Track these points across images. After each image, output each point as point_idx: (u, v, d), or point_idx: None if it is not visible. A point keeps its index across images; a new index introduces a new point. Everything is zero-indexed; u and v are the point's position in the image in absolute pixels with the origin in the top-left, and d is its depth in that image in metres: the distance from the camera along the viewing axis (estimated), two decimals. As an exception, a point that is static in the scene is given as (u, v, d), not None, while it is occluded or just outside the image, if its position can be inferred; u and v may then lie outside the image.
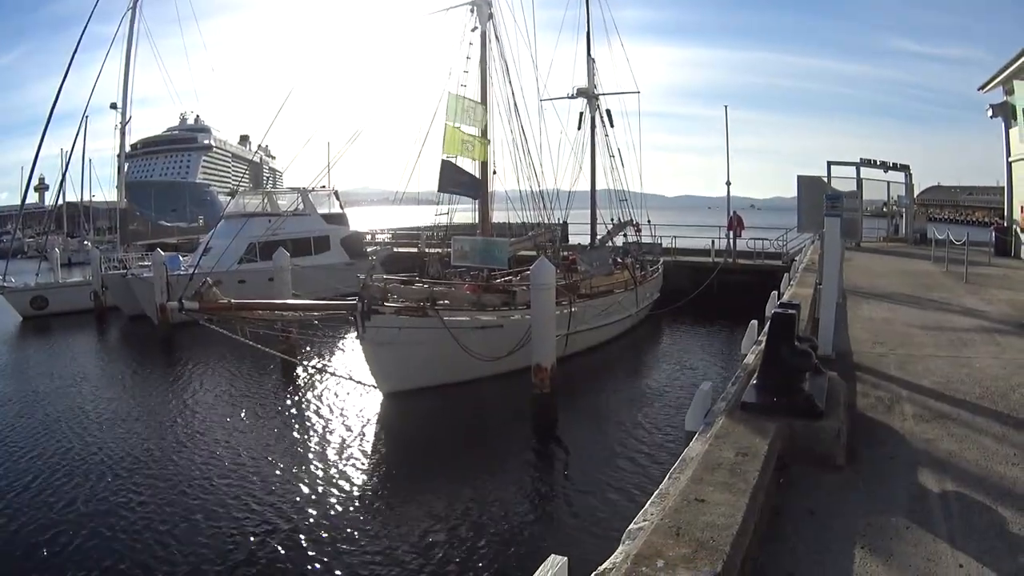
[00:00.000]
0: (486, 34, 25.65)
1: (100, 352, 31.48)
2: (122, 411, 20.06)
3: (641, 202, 36.11)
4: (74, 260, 72.60)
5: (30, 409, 20.56)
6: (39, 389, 22.95)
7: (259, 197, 44.26)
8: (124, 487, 14.13)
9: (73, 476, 14.79)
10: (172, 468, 15.19)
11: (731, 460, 5.61)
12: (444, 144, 23.45)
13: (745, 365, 9.09)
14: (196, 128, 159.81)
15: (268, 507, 13.11)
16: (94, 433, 17.83)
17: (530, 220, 28.05)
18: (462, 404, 19.17)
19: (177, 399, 21.18)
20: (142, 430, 18.11)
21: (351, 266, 36.64)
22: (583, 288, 25.42)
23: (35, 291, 40.86)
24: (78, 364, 27.69)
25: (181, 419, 18.99)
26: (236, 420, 18.73)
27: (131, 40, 42.46)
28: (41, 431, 18.17)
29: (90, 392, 22.58)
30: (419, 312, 18.95)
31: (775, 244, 37.23)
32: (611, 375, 23.36)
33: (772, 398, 6.93)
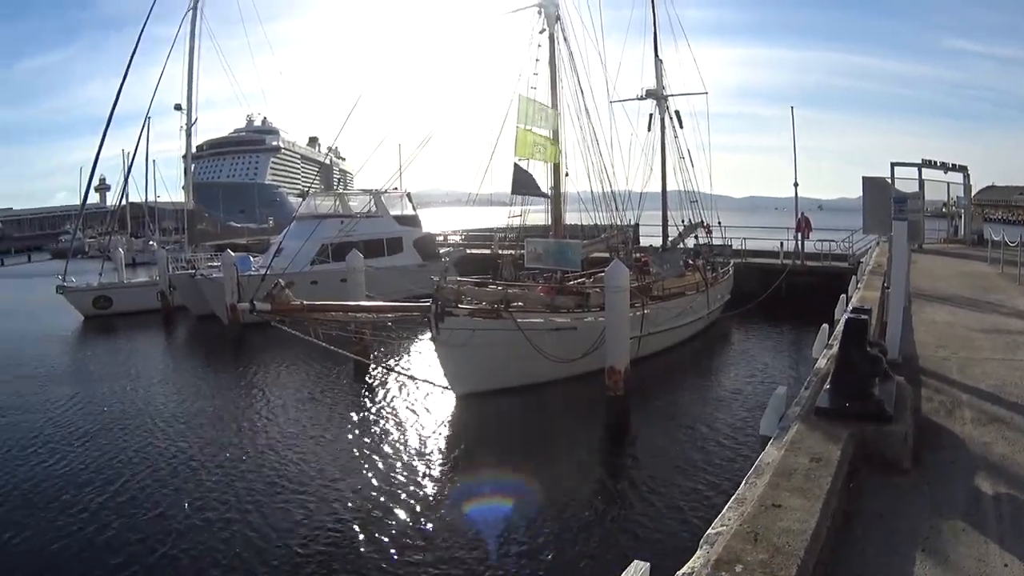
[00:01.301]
0: (554, 36, 26.09)
1: (169, 352, 32.80)
2: (194, 412, 20.97)
3: (711, 203, 36.58)
4: (138, 260, 73.74)
5: (103, 408, 21.53)
6: (112, 388, 24.05)
7: (331, 199, 45.15)
8: (202, 489, 14.86)
9: (150, 478, 15.57)
10: (246, 469, 15.88)
11: (805, 466, 5.92)
12: (516, 147, 23.92)
13: (817, 370, 9.42)
14: (264, 130, 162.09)
15: (341, 507, 13.82)
16: (167, 435, 18.59)
17: (602, 222, 28.37)
18: (535, 406, 19.62)
19: (249, 399, 22.09)
20: (215, 431, 18.92)
21: (424, 267, 37.33)
22: (656, 290, 25.81)
23: (98, 291, 42.13)
24: (147, 363, 28.92)
25: (254, 419, 19.84)
26: (309, 421, 19.44)
27: (193, 41, 43.82)
28: (117, 431, 19.06)
29: (161, 392, 23.62)
30: (493, 314, 19.44)
31: (841, 246, 37.47)
32: (683, 377, 23.73)
33: (844, 403, 7.24)
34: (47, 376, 26.58)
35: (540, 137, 25.04)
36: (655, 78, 35.32)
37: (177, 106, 45.07)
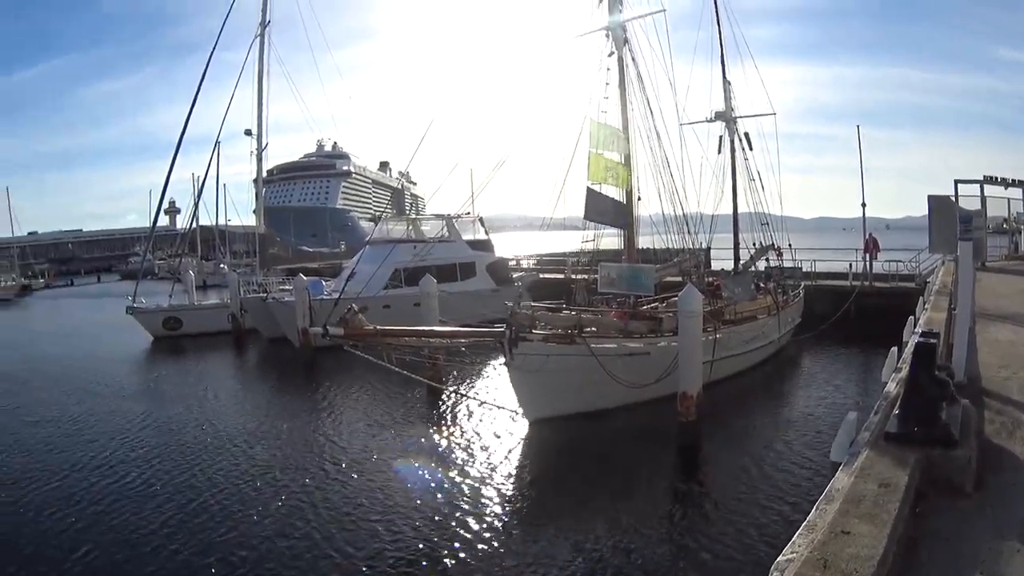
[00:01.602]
0: (623, 59, 26.33)
1: (240, 373, 33.60)
2: (267, 434, 21.52)
3: (781, 225, 36.49)
4: (209, 283, 75.01)
5: (175, 428, 22.33)
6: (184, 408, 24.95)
7: (403, 223, 45.76)
8: (276, 511, 15.27)
9: (225, 498, 16.07)
10: (320, 492, 16.25)
11: (874, 492, 6.10)
12: (588, 172, 24.23)
13: (887, 394, 9.52)
14: (334, 154, 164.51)
15: (415, 531, 14.10)
16: (240, 455, 19.17)
17: (675, 245, 28.44)
18: (607, 432, 19.64)
19: (322, 422, 22.51)
20: (288, 453, 19.41)
21: (497, 292, 37.71)
22: (727, 314, 25.88)
23: (168, 312, 43.25)
24: (219, 384, 29.78)
25: (327, 442, 20.17)
26: (382, 445, 19.70)
27: (262, 67, 44.50)
28: (190, 451, 19.73)
29: (234, 413, 24.43)
30: (567, 340, 19.54)
31: (908, 266, 37.31)
32: (754, 402, 23.73)
33: (913, 428, 7.33)
34: (120, 395, 27.67)
35: (612, 161, 25.29)
36: (723, 99, 35.51)
37: (247, 131, 45.93)
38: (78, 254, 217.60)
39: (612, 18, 26.21)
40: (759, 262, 34.19)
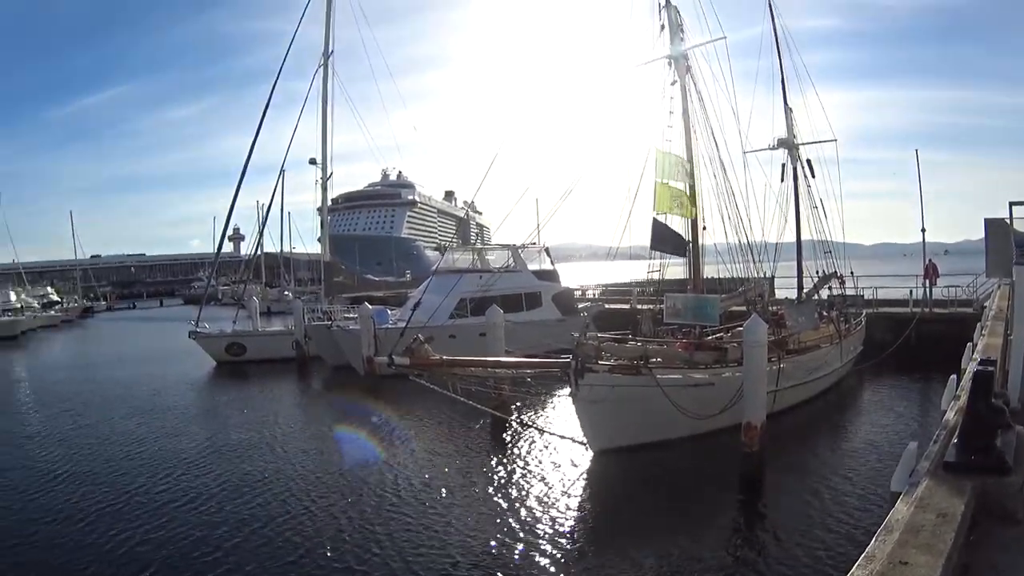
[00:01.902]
0: (686, 87, 26.65)
1: (304, 400, 34.26)
2: (331, 461, 21.84)
3: (843, 252, 36.63)
4: (273, 309, 76.10)
5: (241, 454, 22.85)
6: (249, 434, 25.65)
7: (469, 253, 46.46)
8: (341, 537, 15.58)
9: (289, 527, 16.28)
10: (384, 521, 16.46)
11: (932, 522, 6.30)
12: (655, 201, 24.57)
13: (946, 422, 9.71)
14: (400, 184, 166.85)
15: (476, 560, 14.34)
16: (305, 483, 19.40)
17: (739, 274, 28.67)
18: (671, 462, 19.70)
19: (386, 451, 22.63)
20: (352, 481, 19.58)
21: (562, 322, 37.74)
22: (791, 344, 25.90)
23: (232, 337, 44.28)
24: (283, 411, 30.55)
25: (391, 471, 20.29)
26: (446, 474, 19.84)
27: (326, 96, 45.90)
28: (255, 477, 20.13)
29: (298, 440, 24.94)
30: (633, 370, 19.75)
31: (966, 291, 37.36)
32: (817, 432, 23.68)
33: (970, 457, 7.59)
34: (182, 419, 28.65)
35: (678, 190, 25.51)
36: (785, 127, 35.72)
37: (312, 160, 47.46)
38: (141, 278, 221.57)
39: (674, 48, 26.60)
40: (822, 290, 34.24)
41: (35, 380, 45.53)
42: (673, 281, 29.25)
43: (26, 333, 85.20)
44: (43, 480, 20.54)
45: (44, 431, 27.61)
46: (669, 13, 26.61)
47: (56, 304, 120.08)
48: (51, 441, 25.70)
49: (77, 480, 20.41)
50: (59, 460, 22.70)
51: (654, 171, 24.88)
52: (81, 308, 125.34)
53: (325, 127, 46.03)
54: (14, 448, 24.94)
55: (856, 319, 33.61)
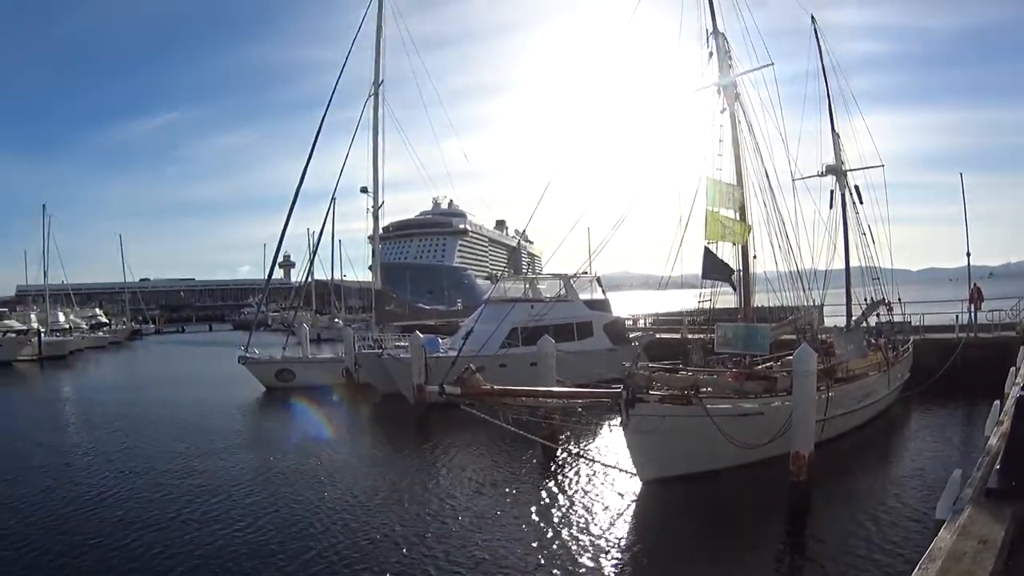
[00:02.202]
0: (735, 115, 26.97)
1: (353, 427, 34.54)
2: (380, 488, 22.04)
3: (891, 278, 36.81)
4: (323, 336, 76.77)
5: (288, 478, 23.21)
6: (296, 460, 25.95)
7: (521, 282, 46.96)
8: (387, 566, 15.66)
9: (335, 554, 16.40)
10: (430, 549, 16.57)
11: (973, 549, 6.56)
12: (706, 230, 24.81)
13: (988, 448, 9.95)
14: (451, 212, 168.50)
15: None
16: (353, 511, 19.53)
17: (789, 302, 28.75)
18: (720, 492, 19.86)
19: (434, 479, 23.01)
20: (401, 510, 19.64)
21: (614, 352, 37.75)
22: (840, 372, 25.78)
23: (281, 364, 45.12)
24: (332, 437, 30.70)
25: (439, 500, 20.40)
26: (495, 502, 20.05)
27: (376, 126, 46.76)
28: (302, 502, 20.31)
29: (346, 467, 25.16)
30: (683, 400, 19.91)
31: (1009, 314, 37.51)
32: (864, 460, 23.63)
33: (1012, 483, 7.77)
34: (231, 443, 29.30)
35: (729, 219, 25.80)
36: (833, 153, 36.06)
37: (363, 189, 48.07)
38: (190, 302, 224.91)
39: (723, 75, 27.00)
40: (870, 318, 34.32)
41: (83, 400, 47.06)
42: (724, 310, 29.50)
43: (74, 353, 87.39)
44: (92, 500, 21.08)
45: (93, 450, 28.45)
46: (717, 41, 27.03)
47: (104, 326, 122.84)
48: (100, 460, 26.46)
49: (125, 500, 20.96)
50: (107, 480, 23.37)
51: (705, 199, 25.09)
52: (130, 330, 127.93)
53: (376, 156, 46.94)
54: (64, 466, 25.71)
55: (903, 346, 33.70)
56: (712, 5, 27.21)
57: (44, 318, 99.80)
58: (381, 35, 47.30)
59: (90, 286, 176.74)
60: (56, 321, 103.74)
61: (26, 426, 36.42)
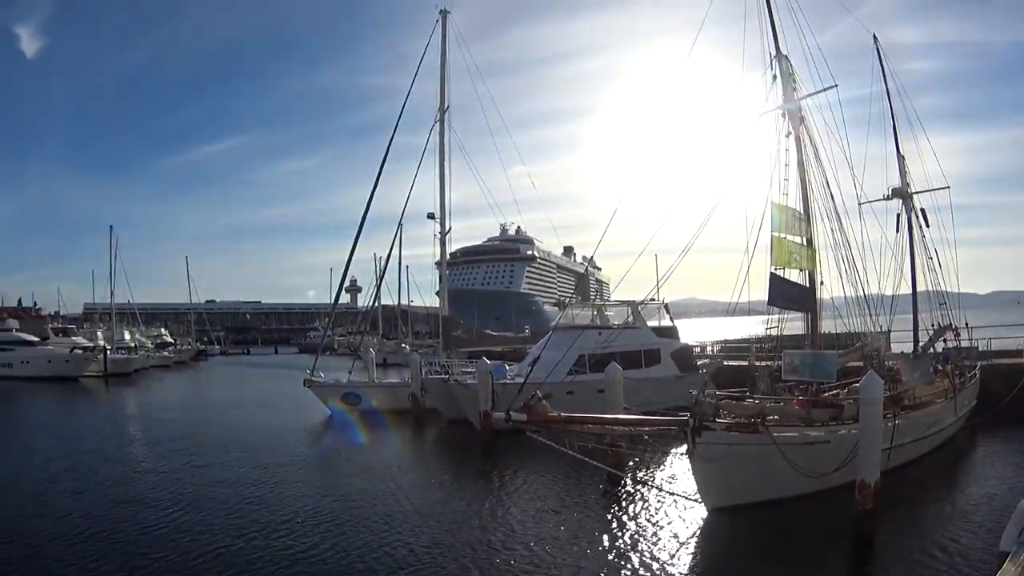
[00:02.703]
0: (800, 138, 27.14)
1: (419, 452, 35.46)
2: (446, 513, 22.28)
3: (957, 302, 36.74)
4: (389, 361, 77.74)
5: (353, 500, 23.78)
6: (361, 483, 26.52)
7: (588, 309, 47.41)
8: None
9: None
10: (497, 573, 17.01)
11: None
12: (772, 256, 25.09)
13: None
14: (518, 239, 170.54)
15: None
16: (420, 536, 19.75)
17: (856, 328, 28.90)
18: (785, 520, 19.97)
19: (501, 506, 23.11)
20: (465, 534, 19.94)
21: (681, 379, 37.69)
22: (906, 399, 25.70)
23: (347, 388, 45.77)
24: (397, 462, 31.46)
25: (504, 525, 20.69)
26: (559, 529, 20.15)
27: (443, 152, 47.65)
28: (366, 526, 20.66)
29: (413, 492, 25.29)
30: (749, 428, 20.11)
31: None
32: (930, 490, 23.62)
33: None
34: (297, 465, 29.94)
35: (795, 244, 26.06)
36: (899, 175, 36.13)
37: (430, 215, 48.84)
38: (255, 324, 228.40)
39: (787, 99, 27.27)
40: (936, 343, 34.29)
41: (148, 418, 49.38)
42: (791, 337, 29.52)
43: (139, 371, 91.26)
44: (159, 517, 21.78)
45: (159, 468, 29.44)
46: (780, 63, 27.35)
47: (169, 345, 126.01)
48: (168, 479, 27.37)
49: (193, 518, 21.65)
50: (174, 498, 24.13)
51: (770, 224, 25.40)
52: (194, 351, 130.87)
53: (443, 182, 47.79)
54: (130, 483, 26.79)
55: (970, 372, 33.48)
56: (775, 28, 27.60)
57: (110, 336, 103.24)
58: (445, 61, 48.48)
59: (156, 306, 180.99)
60: (122, 339, 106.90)
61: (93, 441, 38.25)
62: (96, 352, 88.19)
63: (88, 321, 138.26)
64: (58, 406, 60.49)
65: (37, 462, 31.20)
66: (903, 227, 35.86)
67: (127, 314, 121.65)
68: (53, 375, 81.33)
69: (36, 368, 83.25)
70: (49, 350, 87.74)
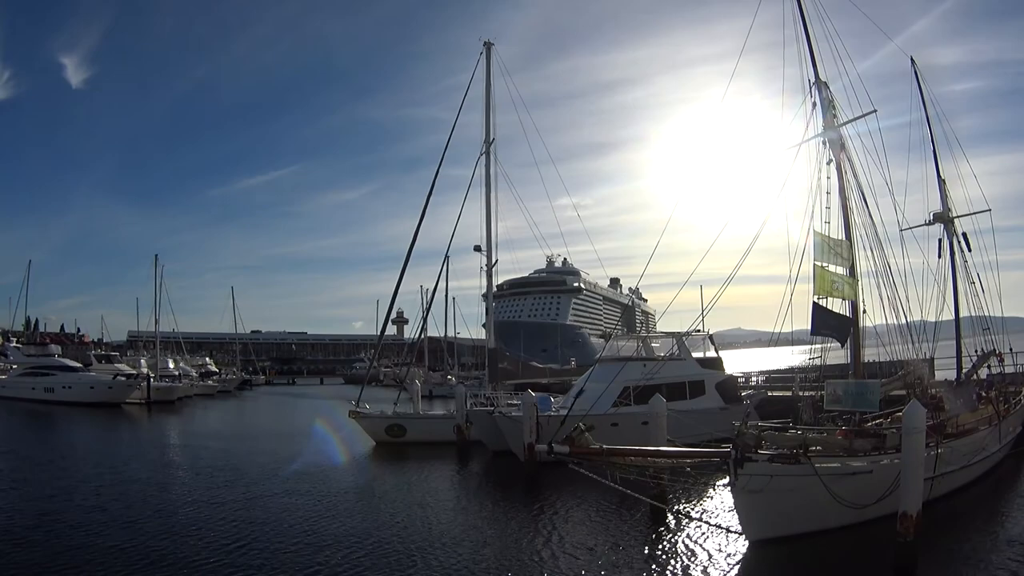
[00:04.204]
0: (841, 166, 27.37)
1: (463, 484, 35.48)
2: (485, 546, 22.44)
3: (1002, 327, 36.60)
4: (435, 393, 78.40)
5: (397, 532, 23.77)
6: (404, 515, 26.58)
7: (633, 341, 47.67)
8: None
9: None
10: None
11: None
12: (815, 285, 25.27)
13: None
14: (565, 271, 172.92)
15: None
16: (460, 572, 19.57)
17: (898, 356, 28.98)
18: (826, 552, 20.17)
19: (541, 538, 23.11)
20: (506, 568, 19.98)
21: (725, 411, 38.24)
22: (949, 428, 25.66)
23: (392, 419, 46.24)
24: (442, 494, 31.86)
25: (545, 558, 20.80)
26: (603, 564, 20.07)
27: (489, 184, 48.47)
28: (408, 559, 20.61)
29: (454, 525, 25.45)
30: (792, 459, 20.00)
31: None
32: (973, 520, 23.53)
33: None
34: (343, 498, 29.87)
35: (838, 273, 26.26)
36: (940, 200, 36.32)
37: (477, 247, 49.60)
38: (301, 355, 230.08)
39: (827, 126, 27.62)
40: (980, 369, 34.25)
41: (192, 446, 49.55)
42: (834, 366, 29.71)
43: (182, 400, 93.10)
44: (210, 549, 21.72)
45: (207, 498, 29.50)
46: (820, 91, 27.76)
47: (214, 375, 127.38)
48: (218, 510, 27.28)
49: (242, 552, 21.56)
50: (226, 530, 24.16)
51: (812, 254, 25.65)
52: (239, 380, 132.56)
53: (489, 214, 48.61)
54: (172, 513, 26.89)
55: (1015, 398, 33.39)
56: (813, 55, 28.02)
57: (154, 364, 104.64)
58: (490, 93, 49.42)
59: (201, 335, 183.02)
60: (166, 367, 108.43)
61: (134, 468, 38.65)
62: (139, 379, 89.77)
63: (132, 349, 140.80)
64: (101, 431, 61.82)
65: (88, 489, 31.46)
66: (945, 252, 36.07)
67: (171, 343, 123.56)
68: (95, 401, 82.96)
69: (78, 394, 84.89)
70: (92, 376, 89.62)
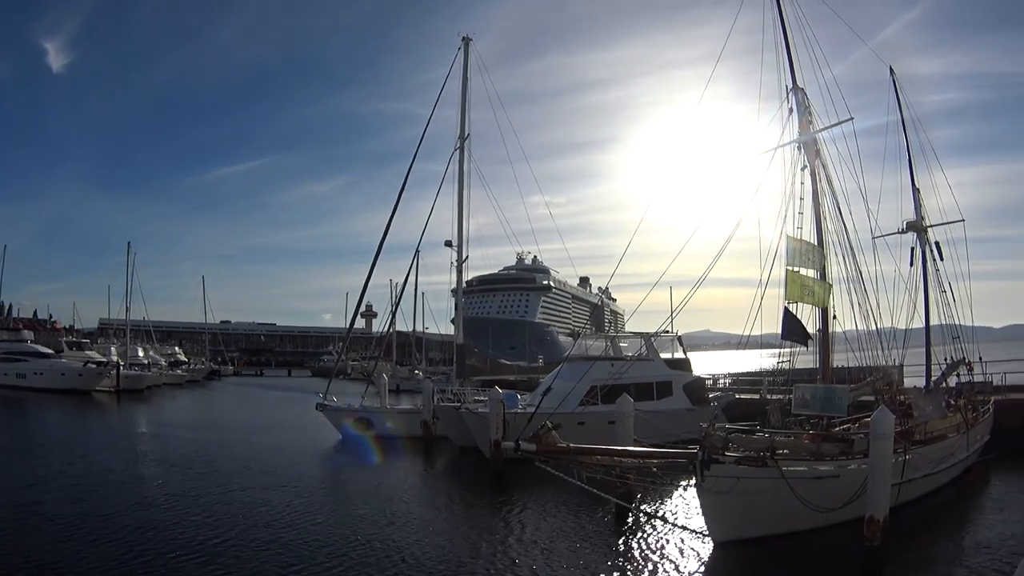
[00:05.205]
0: (815, 172, 27.36)
1: (428, 480, 35.48)
2: (449, 544, 21.92)
3: (972, 336, 36.90)
4: (402, 387, 78.19)
5: (358, 530, 23.33)
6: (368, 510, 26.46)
7: (602, 340, 47.54)
8: None
9: None
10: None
11: None
12: (786, 290, 25.19)
13: None
14: (535, 268, 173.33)
15: None
16: (423, 566, 19.37)
17: (868, 362, 28.97)
18: (792, 555, 20.10)
19: (507, 535, 23.05)
20: (471, 565, 19.61)
21: (692, 412, 38.32)
22: (918, 434, 25.83)
23: (359, 413, 46.14)
24: (405, 489, 31.72)
25: (509, 556, 20.42)
26: (566, 561, 19.99)
27: (462, 180, 48.18)
28: (372, 556, 20.30)
29: (416, 520, 25.24)
30: (758, 462, 20.09)
31: None
32: (941, 526, 23.72)
33: None
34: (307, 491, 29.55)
35: (809, 279, 26.21)
36: (914, 209, 36.50)
37: (448, 242, 49.23)
38: (270, 346, 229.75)
39: (803, 131, 27.55)
40: (950, 377, 34.39)
41: (161, 436, 49.74)
42: (803, 371, 29.81)
43: (151, 388, 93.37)
44: (182, 537, 21.60)
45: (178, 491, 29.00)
46: (797, 96, 27.76)
47: (183, 364, 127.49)
48: (187, 501, 27.06)
49: (210, 537, 21.68)
50: (200, 522, 23.77)
51: (784, 258, 25.58)
52: (208, 370, 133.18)
53: (461, 210, 48.27)
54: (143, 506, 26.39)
55: (984, 406, 33.50)
56: (792, 61, 28.07)
57: (124, 352, 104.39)
58: (467, 89, 49.15)
59: (171, 324, 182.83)
60: (136, 356, 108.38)
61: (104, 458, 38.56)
62: (109, 367, 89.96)
63: (102, 336, 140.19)
64: (72, 419, 61.68)
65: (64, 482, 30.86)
66: (917, 260, 36.28)
67: (142, 331, 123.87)
68: (65, 388, 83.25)
69: (49, 380, 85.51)
70: (63, 363, 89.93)
